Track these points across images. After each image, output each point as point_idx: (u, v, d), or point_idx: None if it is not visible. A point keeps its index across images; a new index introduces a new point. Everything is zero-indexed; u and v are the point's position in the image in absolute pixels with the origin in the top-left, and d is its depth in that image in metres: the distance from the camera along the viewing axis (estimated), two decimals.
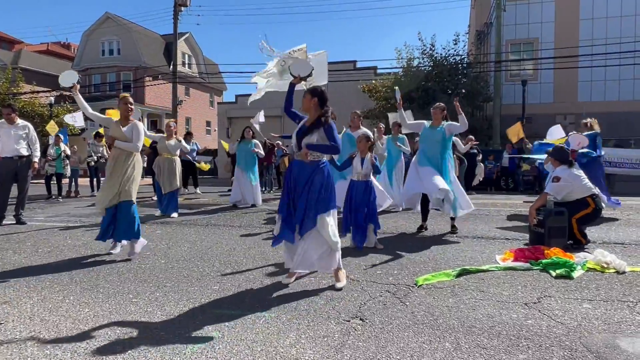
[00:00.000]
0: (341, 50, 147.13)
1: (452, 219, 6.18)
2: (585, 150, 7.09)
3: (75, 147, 14.30)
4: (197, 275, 4.06)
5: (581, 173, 5.39)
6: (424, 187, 5.90)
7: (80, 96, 4.98)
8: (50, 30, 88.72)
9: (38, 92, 28.14)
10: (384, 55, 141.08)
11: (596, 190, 5.40)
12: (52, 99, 26.72)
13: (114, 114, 5.33)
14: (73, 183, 13.21)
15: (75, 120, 13.23)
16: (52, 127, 14.61)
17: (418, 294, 3.43)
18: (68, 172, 12.53)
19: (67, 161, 12.38)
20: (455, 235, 5.96)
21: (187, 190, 14.01)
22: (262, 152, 9.89)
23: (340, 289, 3.55)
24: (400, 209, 8.48)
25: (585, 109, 17.29)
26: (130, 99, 5.05)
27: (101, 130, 13.53)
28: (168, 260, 4.67)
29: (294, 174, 3.68)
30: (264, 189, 15.68)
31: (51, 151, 11.88)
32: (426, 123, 6.28)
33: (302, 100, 3.74)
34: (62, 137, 12.34)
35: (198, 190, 14.03)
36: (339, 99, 22.17)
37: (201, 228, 6.85)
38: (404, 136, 8.92)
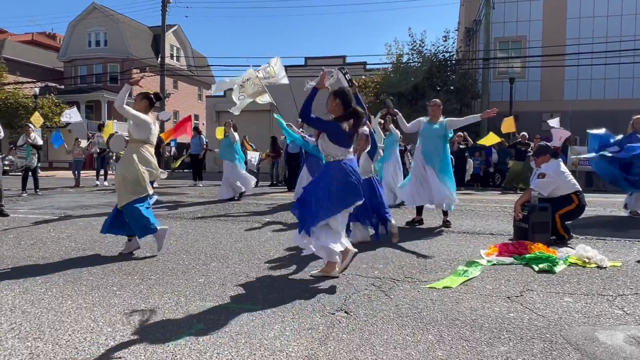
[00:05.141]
0: (331, 45, 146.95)
1: (445, 213, 6.30)
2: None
3: (80, 140, 14.69)
4: (182, 268, 4.04)
5: (566, 170, 5.46)
6: (431, 199, 6.13)
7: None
8: (34, 20, 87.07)
9: (22, 83, 27.68)
10: (373, 51, 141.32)
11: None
12: (37, 90, 26.30)
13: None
14: (77, 173, 14.07)
15: (70, 117, 13.48)
16: (36, 119, 14.44)
17: (403, 288, 3.45)
18: (34, 163, 11.20)
19: (35, 151, 11.24)
20: (445, 229, 6.06)
21: (195, 183, 14.52)
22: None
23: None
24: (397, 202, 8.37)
25: (572, 107, 17.53)
26: (151, 95, 4.81)
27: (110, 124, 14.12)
28: (153, 253, 4.64)
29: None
30: (269, 182, 15.63)
31: (20, 139, 11.09)
32: (423, 119, 6.34)
33: (327, 102, 3.78)
34: (31, 127, 11.68)
35: (201, 184, 14.38)
36: (328, 93, 22.15)
37: (187, 221, 6.81)
38: (391, 133, 8.94)
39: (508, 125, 13.86)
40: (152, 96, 4.78)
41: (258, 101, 9.13)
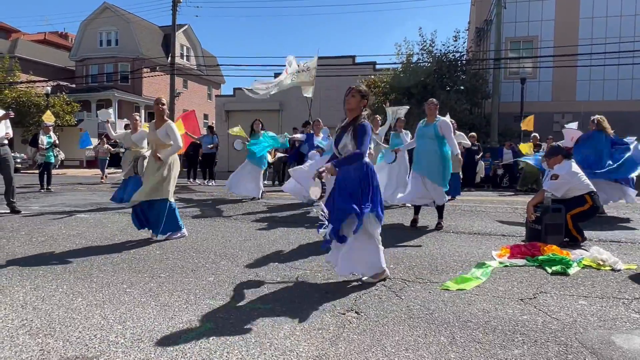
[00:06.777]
0: (340, 45, 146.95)
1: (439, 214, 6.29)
2: None
3: (104, 139, 15.56)
4: (191, 266, 4.04)
5: (579, 170, 5.37)
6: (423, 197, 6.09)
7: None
8: (46, 20, 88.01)
9: (34, 81, 27.95)
10: (383, 50, 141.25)
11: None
12: (49, 88, 26.56)
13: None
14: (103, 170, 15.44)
15: (110, 116, 14.24)
16: (48, 117, 14.61)
17: (414, 288, 3.41)
18: (59, 161, 12.86)
19: (58, 150, 12.51)
20: (443, 230, 6.00)
21: (205, 182, 14.42)
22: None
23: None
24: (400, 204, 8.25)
25: (584, 108, 17.32)
26: (163, 100, 5.29)
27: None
28: (163, 251, 4.65)
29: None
30: (276, 182, 15.58)
31: (43, 139, 11.68)
32: (421, 122, 6.27)
33: (347, 100, 3.49)
34: (50, 127, 12.28)
35: (213, 182, 14.43)
36: (337, 94, 22.13)
37: (197, 220, 6.82)
38: (407, 131, 8.86)
39: (528, 123, 14.62)
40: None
41: (303, 93, 9.38)
